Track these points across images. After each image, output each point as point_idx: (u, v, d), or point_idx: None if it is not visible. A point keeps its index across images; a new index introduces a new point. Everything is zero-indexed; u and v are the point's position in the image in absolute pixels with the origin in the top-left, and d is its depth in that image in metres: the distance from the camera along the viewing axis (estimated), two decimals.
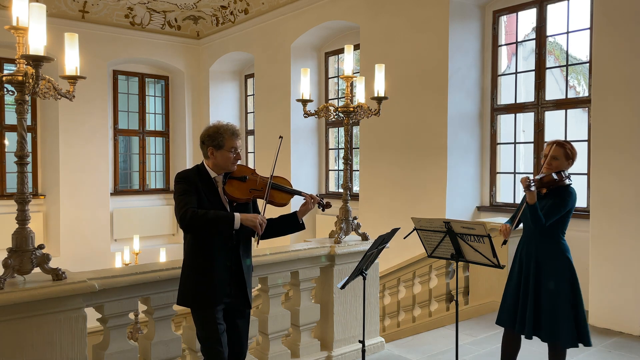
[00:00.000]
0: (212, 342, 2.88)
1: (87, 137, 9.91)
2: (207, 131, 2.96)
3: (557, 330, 3.24)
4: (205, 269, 2.90)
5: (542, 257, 3.31)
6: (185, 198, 2.81)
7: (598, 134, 5.12)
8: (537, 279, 3.32)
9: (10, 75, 2.75)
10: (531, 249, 3.34)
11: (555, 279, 3.27)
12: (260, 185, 3.03)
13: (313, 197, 3.13)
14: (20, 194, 2.84)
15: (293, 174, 8.91)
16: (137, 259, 8.22)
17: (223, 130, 2.93)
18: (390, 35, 7.16)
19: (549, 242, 3.31)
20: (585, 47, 5.90)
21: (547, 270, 3.29)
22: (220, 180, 2.99)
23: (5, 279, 2.69)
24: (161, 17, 10.58)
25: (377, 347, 4.53)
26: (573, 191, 3.33)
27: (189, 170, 2.99)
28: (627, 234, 4.88)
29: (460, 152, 6.58)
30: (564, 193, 3.30)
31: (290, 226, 3.18)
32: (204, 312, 2.90)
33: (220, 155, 2.92)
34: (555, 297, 3.25)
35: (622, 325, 4.88)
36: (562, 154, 3.33)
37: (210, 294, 2.89)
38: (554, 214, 3.25)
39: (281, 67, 9.11)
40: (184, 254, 2.99)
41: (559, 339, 3.24)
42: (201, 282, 2.90)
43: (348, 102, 4.33)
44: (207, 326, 2.89)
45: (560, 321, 3.22)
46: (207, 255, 2.89)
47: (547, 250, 3.30)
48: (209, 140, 2.93)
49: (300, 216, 3.17)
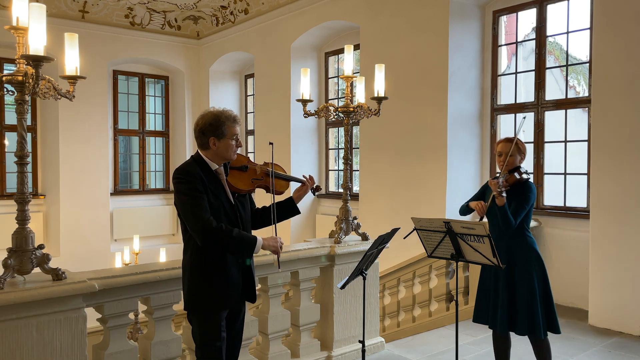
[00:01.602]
0: (213, 349, 2.75)
1: (87, 137, 9.91)
2: (206, 119, 2.75)
3: (532, 323, 3.33)
4: (220, 269, 2.74)
5: (512, 251, 3.41)
6: (196, 203, 2.60)
7: (598, 134, 5.12)
8: (508, 273, 3.40)
9: (10, 75, 2.75)
10: (501, 245, 3.40)
11: (527, 273, 3.36)
12: (260, 174, 2.98)
13: (310, 177, 3.13)
14: (20, 194, 2.84)
15: (293, 174, 8.89)
16: (137, 259, 8.22)
17: (224, 118, 2.74)
18: (390, 35, 7.16)
19: (518, 237, 3.42)
20: (585, 47, 5.90)
21: (518, 265, 3.38)
22: (222, 172, 2.84)
23: (5, 279, 2.69)
24: (161, 17, 10.58)
25: (377, 347, 4.53)
26: (532, 185, 3.46)
27: (188, 164, 2.76)
28: (627, 234, 4.88)
29: (460, 152, 6.58)
30: (524, 189, 3.42)
31: (287, 211, 3.11)
32: (210, 315, 2.75)
33: (222, 144, 2.74)
34: (527, 291, 3.35)
35: (622, 325, 4.88)
36: (515, 150, 3.45)
37: (224, 296, 2.75)
38: (520, 212, 3.37)
39: (281, 67, 9.10)
40: (188, 256, 2.80)
41: (535, 332, 3.33)
42: (215, 285, 2.73)
43: (348, 102, 4.33)
44: (210, 330, 2.75)
45: (535, 314, 3.31)
46: (222, 254, 2.74)
47: (517, 245, 3.41)
48: (210, 130, 2.72)
49: (297, 200, 3.12)
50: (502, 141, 3.53)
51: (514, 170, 3.44)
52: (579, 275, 5.46)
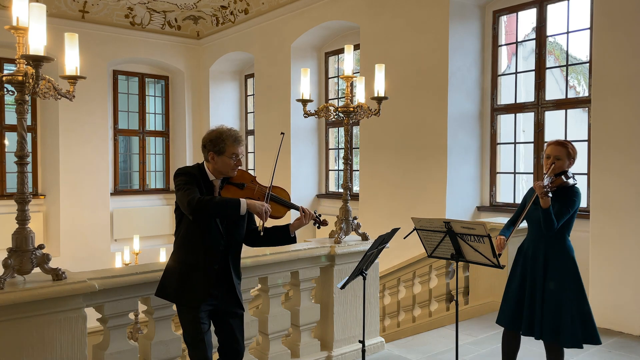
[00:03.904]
0: (196, 342, 2.88)
1: (87, 137, 9.91)
2: (209, 135, 2.93)
3: (558, 329, 3.24)
4: (191, 267, 2.89)
5: (549, 257, 3.32)
6: (190, 187, 2.80)
7: (598, 134, 5.12)
8: (544, 279, 3.32)
9: (10, 75, 2.75)
10: (539, 250, 3.34)
11: (560, 279, 3.28)
12: (257, 194, 2.98)
13: (309, 212, 3.07)
14: (20, 194, 2.84)
15: (293, 174, 8.91)
16: (137, 259, 8.22)
17: (225, 136, 2.89)
18: (390, 35, 7.16)
19: (557, 242, 3.33)
20: (585, 47, 5.90)
21: (553, 270, 3.30)
22: (218, 185, 2.96)
23: (5, 279, 2.69)
24: (161, 17, 10.58)
25: (377, 347, 4.53)
26: (578, 191, 3.35)
27: (191, 167, 2.97)
28: (627, 233, 4.88)
29: (460, 152, 6.58)
30: (570, 193, 3.31)
31: (281, 238, 3.12)
32: (188, 311, 2.90)
33: (220, 160, 2.89)
34: (559, 296, 3.26)
35: (622, 325, 4.88)
36: (564, 154, 3.34)
37: (192, 293, 2.88)
38: (563, 216, 3.27)
39: (281, 67, 9.10)
40: (173, 249, 2.99)
41: (559, 339, 3.24)
42: (185, 280, 2.89)
43: (348, 102, 4.33)
44: (191, 326, 2.89)
45: (562, 321, 3.23)
46: (195, 254, 2.89)
47: (555, 251, 3.32)
48: (210, 145, 2.90)
49: (292, 229, 3.10)
50: (552, 143, 3.39)
51: (561, 174, 3.33)
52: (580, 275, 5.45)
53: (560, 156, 3.33)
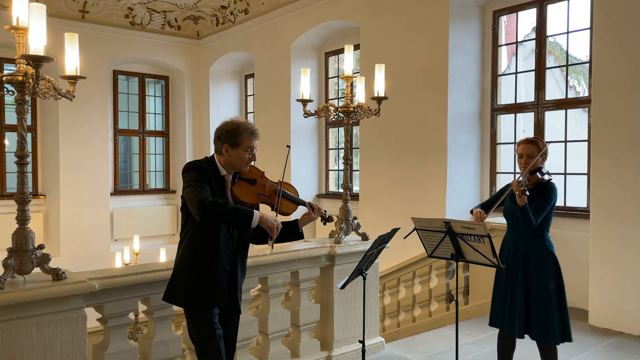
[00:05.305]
0: (211, 348, 2.77)
1: (87, 137, 9.91)
2: (225, 126, 2.82)
3: (547, 328, 3.28)
4: (203, 269, 2.78)
5: (530, 254, 3.37)
6: (201, 185, 2.66)
7: (598, 134, 5.11)
8: (525, 277, 3.36)
9: (10, 75, 2.75)
10: (519, 248, 3.39)
11: (543, 277, 3.32)
12: (268, 191, 2.94)
13: (317, 207, 3.05)
14: (20, 194, 2.84)
15: (293, 174, 8.91)
16: (137, 259, 8.22)
17: (242, 129, 2.79)
18: (390, 35, 7.16)
19: (536, 240, 3.38)
20: (585, 47, 5.90)
21: (535, 268, 3.34)
22: (229, 180, 2.88)
23: (5, 279, 2.69)
24: (161, 17, 10.58)
25: (377, 347, 4.53)
26: (554, 186, 3.41)
27: (200, 161, 2.84)
28: (627, 234, 4.88)
29: (460, 152, 6.58)
30: (546, 189, 3.37)
31: (289, 234, 3.07)
32: (202, 314, 2.79)
33: (235, 153, 2.79)
34: (544, 295, 3.30)
35: (622, 325, 4.88)
36: (536, 151, 3.40)
37: (209, 296, 2.79)
38: (541, 212, 3.32)
39: (281, 67, 9.11)
40: (181, 250, 2.85)
41: (550, 337, 3.28)
42: (197, 283, 2.78)
43: (348, 102, 4.33)
44: (205, 330, 2.78)
45: (550, 319, 3.27)
46: (211, 256, 2.78)
47: (535, 248, 3.37)
48: (225, 137, 2.79)
49: (301, 225, 3.08)
50: (522, 142, 3.46)
51: (536, 171, 3.39)
52: (579, 275, 5.45)
53: (532, 153, 3.39)
